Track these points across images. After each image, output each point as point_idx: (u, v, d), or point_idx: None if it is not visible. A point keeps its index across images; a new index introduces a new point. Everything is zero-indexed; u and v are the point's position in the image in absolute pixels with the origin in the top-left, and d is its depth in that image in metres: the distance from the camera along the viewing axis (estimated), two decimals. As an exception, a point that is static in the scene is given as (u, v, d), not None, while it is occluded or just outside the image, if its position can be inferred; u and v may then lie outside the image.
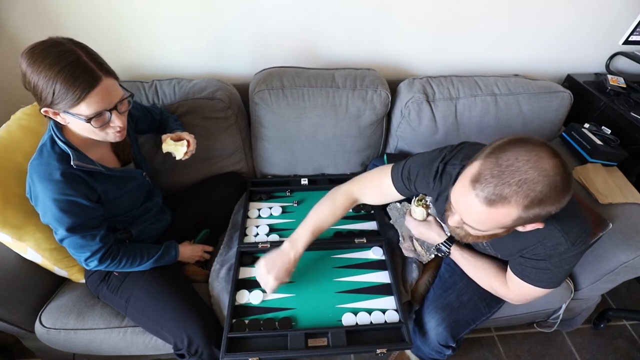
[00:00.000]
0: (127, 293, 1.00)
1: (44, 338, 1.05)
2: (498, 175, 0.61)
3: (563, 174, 0.60)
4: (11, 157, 0.97)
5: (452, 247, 0.99)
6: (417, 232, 1.06)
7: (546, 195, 0.60)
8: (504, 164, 0.61)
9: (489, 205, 0.62)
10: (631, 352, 1.42)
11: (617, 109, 1.33)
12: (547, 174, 0.59)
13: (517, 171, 0.60)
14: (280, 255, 0.96)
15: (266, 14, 1.28)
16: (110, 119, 0.80)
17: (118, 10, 1.23)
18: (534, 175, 0.59)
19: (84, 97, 0.73)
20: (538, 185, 0.59)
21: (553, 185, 0.59)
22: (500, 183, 0.60)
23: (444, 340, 0.97)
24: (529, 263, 0.82)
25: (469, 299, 1.00)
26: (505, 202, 0.61)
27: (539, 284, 0.83)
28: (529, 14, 1.35)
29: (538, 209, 0.61)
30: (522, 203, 0.60)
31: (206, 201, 1.26)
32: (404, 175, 0.93)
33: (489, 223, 0.66)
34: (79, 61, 0.72)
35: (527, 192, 0.59)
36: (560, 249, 0.76)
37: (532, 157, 0.60)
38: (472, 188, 0.63)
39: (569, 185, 0.61)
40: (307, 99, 1.24)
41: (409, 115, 1.28)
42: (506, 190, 0.60)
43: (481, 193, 0.62)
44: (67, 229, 0.83)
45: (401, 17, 1.32)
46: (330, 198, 1.03)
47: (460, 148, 0.88)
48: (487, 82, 1.30)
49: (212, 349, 0.96)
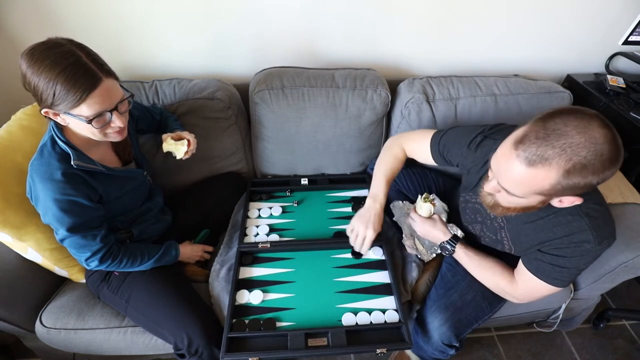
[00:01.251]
0: (128, 293, 1.00)
1: (45, 338, 1.06)
2: (543, 137, 0.60)
3: (612, 144, 0.59)
4: (11, 157, 0.97)
5: (457, 245, 0.99)
6: (421, 231, 1.06)
7: (590, 162, 0.58)
8: (551, 127, 0.60)
9: (529, 165, 0.61)
10: (631, 352, 1.42)
11: (617, 109, 1.33)
12: (595, 141, 0.58)
13: (563, 135, 0.59)
14: (368, 210, 1.01)
15: (266, 14, 1.28)
16: (110, 120, 0.80)
17: (118, 10, 1.23)
18: (581, 141, 0.58)
19: (84, 98, 0.73)
20: (583, 150, 0.58)
21: (599, 154, 0.58)
22: (544, 144, 0.60)
23: (448, 340, 0.97)
24: (546, 258, 0.81)
25: (472, 298, 1.00)
26: (545, 163, 0.60)
27: (552, 282, 0.82)
28: (529, 14, 1.35)
29: (579, 177, 0.60)
30: (564, 167, 0.59)
31: (206, 201, 1.27)
32: (442, 143, 0.97)
33: (527, 186, 0.65)
34: (79, 62, 0.72)
35: (571, 156, 0.58)
36: (587, 246, 0.75)
37: (582, 123, 0.59)
38: (515, 149, 0.63)
39: (617, 158, 0.60)
40: (307, 99, 1.24)
41: (409, 116, 1.28)
42: (549, 152, 0.59)
43: (523, 153, 0.62)
44: (67, 229, 0.84)
45: (401, 17, 1.32)
46: (388, 149, 1.11)
47: (500, 128, 0.90)
48: (487, 83, 1.30)
49: (212, 349, 0.96)
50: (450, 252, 1.01)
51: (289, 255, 1.13)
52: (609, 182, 1.18)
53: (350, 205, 1.29)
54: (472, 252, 0.98)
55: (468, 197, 1.02)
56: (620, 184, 1.19)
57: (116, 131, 0.83)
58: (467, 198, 1.02)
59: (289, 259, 1.12)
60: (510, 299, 0.96)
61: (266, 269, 1.10)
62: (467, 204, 1.03)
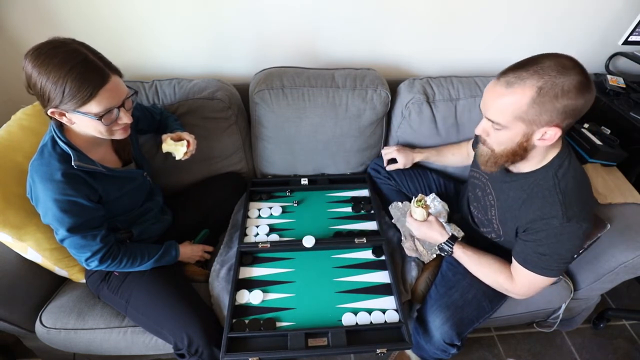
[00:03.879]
0: (128, 293, 1.00)
1: (45, 338, 1.06)
2: (520, 65, 0.72)
3: (581, 72, 0.68)
4: (12, 157, 0.97)
5: (455, 245, 1.00)
6: (419, 233, 1.06)
7: (560, 81, 0.67)
8: (528, 59, 0.72)
9: (507, 86, 0.71)
10: (631, 351, 1.42)
11: (617, 109, 1.33)
12: (564, 65, 0.68)
13: (538, 62, 0.70)
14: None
15: (266, 14, 1.28)
16: (118, 116, 0.81)
17: (118, 10, 1.23)
18: (551, 64, 0.68)
19: (94, 95, 0.74)
20: (553, 71, 0.68)
21: (568, 76, 0.67)
22: (520, 69, 0.71)
23: (450, 339, 0.97)
24: (529, 247, 0.85)
25: (473, 297, 1.01)
26: (521, 83, 0.70)
27: (541, 272, 0.85)
28: (529, 14, 1.35)
29: (552, 98, 0.68)
30: (536, 84, 0.69)
31: (206, 201, 1.26)
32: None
33: (508, 110, 0.73)
34: (87, 60, 0.73)
35: (542, 75, 0.68)
36: (555, 223, 0.79)
37: (554, 56, 0.70)
38: (497, 79, 0.74)
39: (588, 85, 0.69)
40: (307, 99, 1.24)
41: (410, 116, 1.28)
42: (524, 74, 0.70)
43: (503, 78, 0.73)
44: (67, 229, 0.84)
45: (401, 17, 1.32)
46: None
47: None
48: (487, 83, 1.29)
49: (212, 349, 0.96)
50: (449, 253, 1.01)
51: (289, 255, 1.13)
52: (609, 182, 1.19)
53: (350, 205, 1.29)
54: (471, 250, 0.99)
55: (472, 173, 1.08)
56: (620, 184, 1.19)
57: (122, 128, 0.85)
58: (472, 174, 1.08)
59: (289, 259, 1.12)
60: (511, 295, 0.97)
61: (266, 269, 1.10)
62: (471, 179, 1.09)
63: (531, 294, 0.92)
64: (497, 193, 0.95)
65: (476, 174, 1.05)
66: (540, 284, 0.88)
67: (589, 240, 1.06)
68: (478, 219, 1.08)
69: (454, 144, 1.29)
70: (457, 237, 1.04)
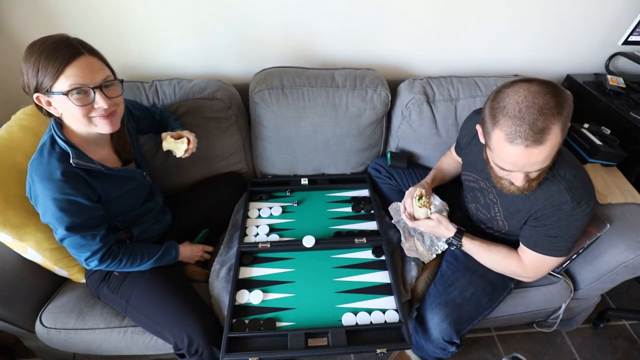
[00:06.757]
0: (128, 293, 1.00)
1: (45, 338, 1.05)
2: (520, 119, 0.69)
3: (556, 86, 0.71)
4: (11, 157, 0.97)
5: (463, 238, 1.01)
6: (426, 229, 1.06)
7: (555, 95, 0.69)
8: (506, 107, 0.70)
9: (540, 143, 0.69)
10: (630, 351, 1.42)
11: (617, 109, 1.33)
12: (536, 89, 0.69)
13: (529, 107, 0.68)
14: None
15: (266, 14, 1.28)
16: (94, 100, 0.78)
17: (118, 11, 1.23)
18: (538, 99, 0.68)
19: (62, 69, 0.73)
20: (547, 96, 0.68)
21: (563, 96, 0.70)
22: (528, 122, 0.68)
23: (448, 337, 0.97)
24: (538, 232, 0.89)
25: (472, 295, 1.01)
26: (548, 129, 0.68)
27: (552, 253, 0.89)
28: (529, 14, 1.35)
29: (562, 110, 0.69)
30: (558, 118, 0.68)
31: (206, 201, 1.27)
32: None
33: (549, 153, 0.72)
34: (62, 39, 0.75)
35: (551, 114, 0.68)
36: (566, 208, 0.83)
37: (523, 92, 0.69)
38: (516, 144, 0.70)
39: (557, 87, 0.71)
40: (307, 98, 1.24)
41: (410, 116, 1.28)
42: (539, 123, 0.68)
43: (526, 141, 0.69)
44: (66, 228, 0.83)
45: (401, 17, 1.32)
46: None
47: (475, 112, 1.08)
48: (487, 83, 1.30)
49: (212, 349, 0.96)
50: (457, 246, 1.02)
51: (289, 255, 1.13)
52: (609, 182, 1.19)
53: (350, 206, 1.29)
54: (478, 240, 1.01)
55: (466, 177, 1.08)
56: (621, 184, 1.19)
57: (102, 115, 0.81)
58: (466, 177, 1.09)
59: (289, 259, 1.12)
60: (522, 279, 1.01)
61: (266, 269, 1.10)
62: (465, 182, 1.09)
63: (542, 275, 0.97)
64: (498, 191, 0.96)
65: (471, 178, 1.06)
66: (550, 265, 0.92)
67: (589, 240, 1.06)
68: (479, 217, 1.09)
69: (442, 157, 1.27)
70: (463, 230, 1.04)
